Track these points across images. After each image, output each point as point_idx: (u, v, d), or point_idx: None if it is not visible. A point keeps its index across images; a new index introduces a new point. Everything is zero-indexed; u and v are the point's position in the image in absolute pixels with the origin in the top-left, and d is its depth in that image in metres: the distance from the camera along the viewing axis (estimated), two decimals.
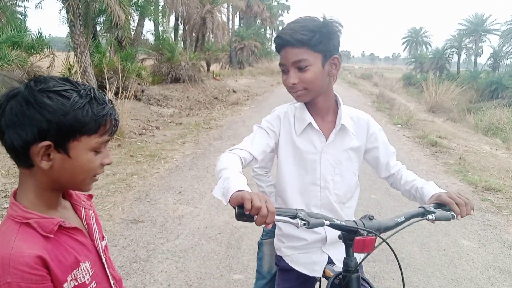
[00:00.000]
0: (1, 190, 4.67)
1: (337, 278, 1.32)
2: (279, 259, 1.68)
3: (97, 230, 1.08)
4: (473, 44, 46.99)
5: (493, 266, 3.46)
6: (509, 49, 40.53)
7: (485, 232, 4.15)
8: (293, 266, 1.61)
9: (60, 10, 11.41)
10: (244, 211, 1.02)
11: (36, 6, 11.38)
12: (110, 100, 0.97)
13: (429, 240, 3.81)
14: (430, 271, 3.32)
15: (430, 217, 1.25)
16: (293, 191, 1.56)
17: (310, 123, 1.50)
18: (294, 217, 1.10)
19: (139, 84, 11.67)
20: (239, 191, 1.08)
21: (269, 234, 2.11)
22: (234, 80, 23.02)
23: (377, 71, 61.15)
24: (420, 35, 79.13)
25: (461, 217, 1.30)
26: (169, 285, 2.96)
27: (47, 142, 0.87)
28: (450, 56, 47.31)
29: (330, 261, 1.57)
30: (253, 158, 1.44)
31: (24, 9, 11.48)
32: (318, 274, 1.58)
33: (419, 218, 1.27)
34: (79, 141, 0.91)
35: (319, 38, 1.35)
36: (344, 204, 1.59)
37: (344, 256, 1.25)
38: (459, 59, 48.45)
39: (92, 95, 0.92)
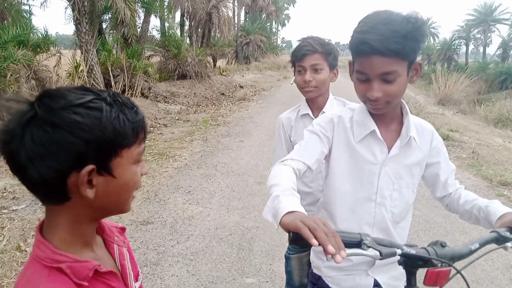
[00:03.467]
0: (10, 191, 4.64)
1: None
2: (317, 278, 1.50)
3: (131, 272, 0.94)
4: (481, 35, 46.35)
5: None
6: None
7: None
8: (330, 286, 1.46)
9: (66, 8, 11.40)
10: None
11: (42, 4, 11.37)
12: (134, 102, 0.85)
13: (445, 238, 3.68)
14: None
15: (509, 244, 1.09)
16: (343, 204, 1.40)
17: (373, 130, 1.33)
18: (359, 244, 0.94)
19: (146, 81, 11.64)
20: (290, 212, 0.96)
21: (296, 248, 2.02)
22: (241, 75, 22.91)
23: None
24: (427, 26, 78.38)
25: None
26: None
27: (90, 167, 0.73)
28: (458, 47, 46.73)
29: (376, 284, 1.42)
30: (307, 168, 1.29)
31: (30, 7, 11.47)
32: None
33: (496, 246, 1.11)
34: (121, 157, 0.77)
35: (412, 45, 1.16)
36: (398, 224, 1.42)
37: (405, 284, 1.10)
38: (467, 50, 47.85)
39: (120, 100, 0.78)
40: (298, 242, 0.90)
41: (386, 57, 1.15)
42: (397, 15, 1.17)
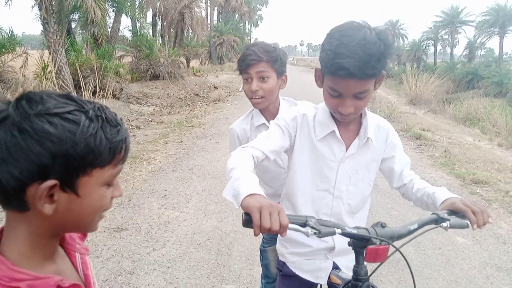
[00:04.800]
0: None
1: (346, 286, 1.25)
2: (281, 265, 1.62)
3: (95, 282, 0.89)
4: (449, 36, 47.56)
5: (490, 264, 3.40)
6: (484, 40, 41.24)
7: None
8: (296, 273, 1.56)
9: (32, 7, 10.98)
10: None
11: (6, 3, 10.91)
12: (121, 119, 0.79)
13: (423, 238, 3.72)
14: (428, 272, 3.23)
15: (444, 224, 1.19)
16: (304, 196, 1.49)
17: (333, 131, 1.41)
18: (304, 225, 1.03)
19: (117, 82, 11.36)
20: (251, 195, 1.03)
21: (271, 241, 2.07)
22: (215, 76, 22.75)
23: None
24: (396, 27, 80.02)
25: (478, 226, 1.21)
26: None
27: (52, 182, 0.67)
28: (427, 47, 47.84)
29: (335, 266, 1.53)
30: (266, 157, 1.36)
31: None
32: (323, 281, 1.53)
33: (433, 226, 1.20)
34: (90, 176, 0.71)
35: (383, 65, 1.21)
36: (355, 214, 1.53)
37: (354, 264, 1.19)
38: (435, 50, 49.01)
39: (104, 116, 0.72)
40: (250, 225, 0.98)
41: (362, 80, 1.21)
42: (371, 34, 1.19)
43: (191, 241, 3.62)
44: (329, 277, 1.51)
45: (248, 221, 0.98)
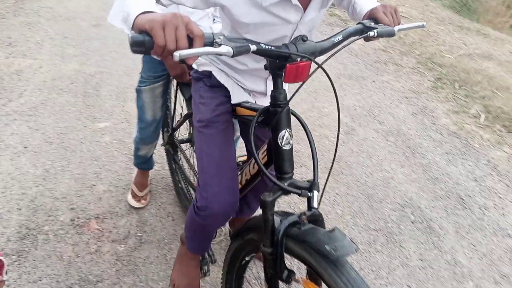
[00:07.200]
0: None
1: (263, 113, 1.12)
2: (206, 74, 1.34)
3: None
4: None
5: (344, 75, 3.82)
6: None
7: None
8: (224, 84, 1.31)
9: None
10: (144, 39, 0.75)
11: None
12: None
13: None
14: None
15: (371, 33, 1.06)
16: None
17: None
18: (211, 44, 0.83)
19: None
20: (144, 12, 0.79)
21: (149, 80, 1.88)
22: None
23: None
24: None
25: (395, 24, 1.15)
26: (25, 147, 2.62)
27: None
28: None
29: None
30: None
31: None
32: (249, 99, 1.31)
33: (358, 36, 1.07)
34: None
35: None
36: None
37: (271, 89, 1.06)
38: None
39: None
40: (140, 47, 0.75)
41: None
42: None
43: (52, 87, 3.32)
44: (235, 110, 1.32)
45: (137, 40, 0.74)
